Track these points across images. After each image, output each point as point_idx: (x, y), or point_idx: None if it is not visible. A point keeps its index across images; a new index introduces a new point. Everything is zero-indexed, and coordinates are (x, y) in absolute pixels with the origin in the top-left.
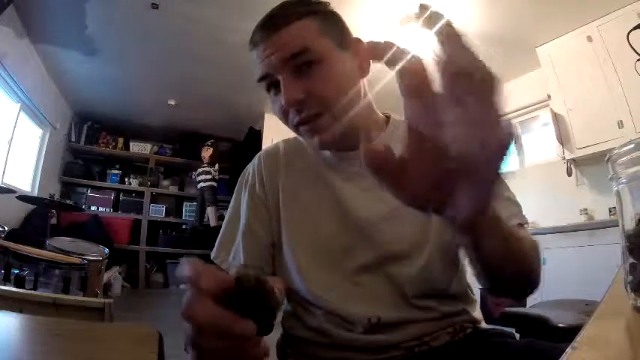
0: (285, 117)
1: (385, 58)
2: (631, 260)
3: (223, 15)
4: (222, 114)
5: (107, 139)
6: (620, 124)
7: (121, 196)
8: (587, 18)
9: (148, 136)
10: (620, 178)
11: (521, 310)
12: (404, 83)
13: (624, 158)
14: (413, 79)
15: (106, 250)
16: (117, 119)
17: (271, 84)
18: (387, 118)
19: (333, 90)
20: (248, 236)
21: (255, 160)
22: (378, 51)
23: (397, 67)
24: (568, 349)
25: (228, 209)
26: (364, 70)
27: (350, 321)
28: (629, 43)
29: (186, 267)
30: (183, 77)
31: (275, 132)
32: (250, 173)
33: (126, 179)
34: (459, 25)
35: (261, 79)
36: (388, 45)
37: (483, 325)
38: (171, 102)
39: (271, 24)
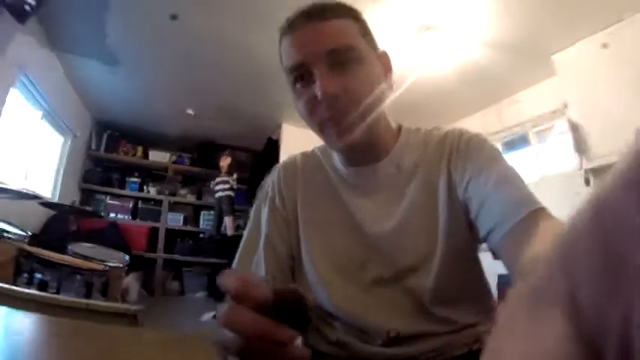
0: (311, 111)
1: None
2: None
3: (243, 27)
4: (240, 124)
5: (127, 147)
6: None
7: (139, 203)
8: (601, 25)
9: (167, 145)
10: None
11: None
12: None
13: None
14: None
15: (127, 257)
16: (136, 128)
17: (300, 75)
18: (399, 127)
19: (368, 91)
20: (269, 249)
21: (275, 173)
22: None
23: None
24: None
25: (249, 222)
26: (387, 81)
27: (369, 333)
28: None
29: (228, 278)
30: (201, 87)
31: (293, 143)
32: (270, 186)
33: (144, 187)
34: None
35: (293, 68)
36: None
37: None
38: (190, 112)
39: (318, 12)
